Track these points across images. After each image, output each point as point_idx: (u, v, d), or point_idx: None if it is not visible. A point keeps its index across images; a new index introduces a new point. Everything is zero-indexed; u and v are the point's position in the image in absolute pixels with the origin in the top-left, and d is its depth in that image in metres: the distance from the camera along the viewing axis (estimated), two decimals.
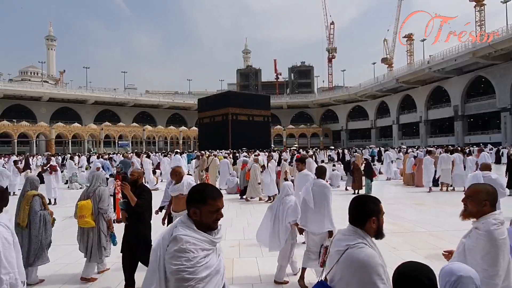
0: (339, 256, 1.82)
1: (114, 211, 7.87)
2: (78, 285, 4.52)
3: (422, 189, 13.08)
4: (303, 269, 4.36)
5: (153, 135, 63.40)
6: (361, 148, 35.19)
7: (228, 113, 40.71)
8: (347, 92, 68.67)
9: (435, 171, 13.05)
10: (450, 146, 26.12)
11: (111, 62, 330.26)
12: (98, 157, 21.54)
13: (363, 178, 12.43)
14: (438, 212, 9.07)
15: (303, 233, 4.49)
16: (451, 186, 12.87)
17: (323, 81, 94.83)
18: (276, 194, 11.20)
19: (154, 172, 16.34)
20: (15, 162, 14.77)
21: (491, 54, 38.92)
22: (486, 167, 6.71)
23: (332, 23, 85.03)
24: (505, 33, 36.64)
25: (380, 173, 17.76)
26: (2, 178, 10.38)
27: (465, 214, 2.23)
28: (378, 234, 1.89)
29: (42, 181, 14.17)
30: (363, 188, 12.24)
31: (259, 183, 11.54)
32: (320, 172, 4.58)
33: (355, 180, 12.69)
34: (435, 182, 13.09)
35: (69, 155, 27.15)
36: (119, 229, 4.69)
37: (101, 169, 11.34)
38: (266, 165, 11.79)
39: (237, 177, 13.39)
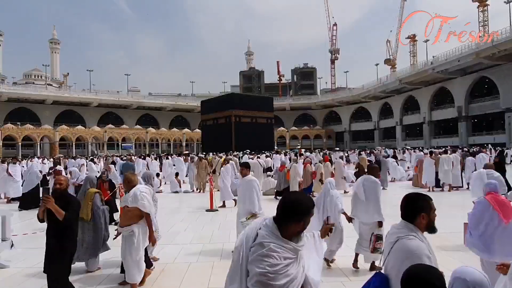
0: (390, 247, 2.00)
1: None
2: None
3: (424, 190, 13.01)
4: (356, 254, 4.99)
5: (156, 138, 63.55)
6: (382, 148, 34.42)
7: (231, 115, 40.65)
8: (350, 94, 68.57)
9: (437, 173, 12.95)
10: (467, 149, 25.54)
11: (115, 64, 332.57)
12: (122, 159, 21.81)
13: None
14: (441, 213, 8.99)
15: (352, 221, 5.11)
16: (454, 187, 12.81)
17: (326, 83, 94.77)
18: (235, 199, 9.78)
19: (158, 175, 16.44)
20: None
21: (495, 54, 38.72)
22: (489, 166, 7.03)
23: (335, 24, 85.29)
24: (509, 33, 36.45)
25: None
26: (34, 178, 10.90)
27: None
28: (430, 228, 2.02)
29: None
30: None
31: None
32: (371, 170, 5.24)
33: None
34: (438, 183, 13.02)
35: (90, 158, 27.31)
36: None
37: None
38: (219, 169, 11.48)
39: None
